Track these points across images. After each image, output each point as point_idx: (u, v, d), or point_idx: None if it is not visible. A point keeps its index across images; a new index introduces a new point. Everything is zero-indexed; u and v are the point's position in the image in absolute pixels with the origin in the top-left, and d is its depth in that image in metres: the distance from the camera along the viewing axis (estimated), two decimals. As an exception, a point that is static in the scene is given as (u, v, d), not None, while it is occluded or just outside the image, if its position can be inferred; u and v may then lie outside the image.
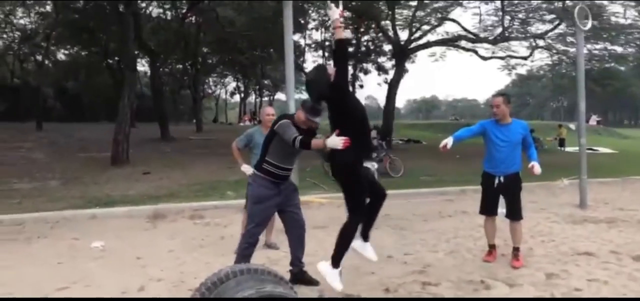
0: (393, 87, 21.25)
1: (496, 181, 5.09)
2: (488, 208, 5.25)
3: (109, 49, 31.27)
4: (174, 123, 31.74)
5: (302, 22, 28.00)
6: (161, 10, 26.91)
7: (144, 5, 23.84)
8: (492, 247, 5.35)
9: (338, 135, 3.64)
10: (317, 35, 34.48)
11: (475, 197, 5.37)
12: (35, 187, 10.25)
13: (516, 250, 5.15)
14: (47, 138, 20.60)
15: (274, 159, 4.30)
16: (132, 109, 32.69)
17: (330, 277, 3.72)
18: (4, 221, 7.00)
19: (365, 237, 4.20)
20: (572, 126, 33.50)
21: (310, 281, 4.59)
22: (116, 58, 31.44)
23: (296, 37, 30.47)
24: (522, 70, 27.72)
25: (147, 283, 4.58)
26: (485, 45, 21.61)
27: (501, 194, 5.15)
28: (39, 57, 33.38)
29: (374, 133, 12.37)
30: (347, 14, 25.30)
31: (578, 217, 7.65)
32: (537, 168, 4.95)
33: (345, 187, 3.86)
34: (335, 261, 3.78)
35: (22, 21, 31.44)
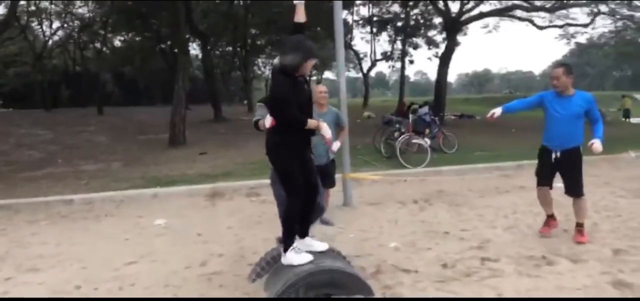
0: (444, 61, 20.71)
1: (553, 156, 4.89)
2: (541, 181, 5.06)
3: (161, 33, 32.14)
4: (226, 104, 32.46)
5: (350, -2, 27.71)
6: (211, -7, 27.37)
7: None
8: (549, 217, 5.16)
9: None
10: (365, 11, 34.11)
11: (533, 171, 5.19)
12: (100, 168, 10.79)
13: (580, 225, 4.95)
14: (107, 122, 21.60)
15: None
16: (186, 92, 33.77)
17: (296, 259, 3.59)
18: (74, 201, 7.42)
19: (302, 235, 3.79)
20: (638, 96, 31.63)
21: None
22: (169, 42, 32.26)
23: (344, 13, 30.25)
24: (581, 39, 26.37)
25: (209, 258, 4.75)
26: (542, 13, 20.60)
27: (558, 171, 4.94)
28: (98, 45, 34.90)
29: (425, 109, 12.17)
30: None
31: (646, 190, 7.27)
32: (597, 146, 4.62)
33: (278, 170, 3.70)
34: (288, 246, 3.65)
35: (80, 11, 32.86)
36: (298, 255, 3.54)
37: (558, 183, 5.02)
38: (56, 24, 34.46)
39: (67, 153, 13.09)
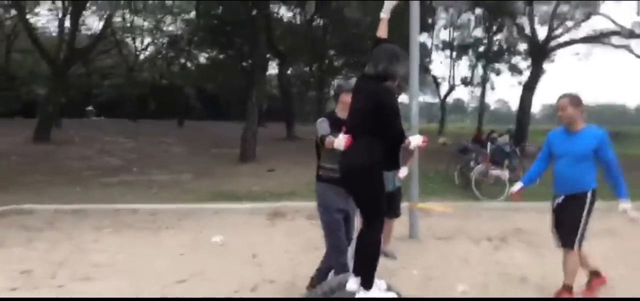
0: (529, 88, 19.54)
1: (556, 202, 4.16)
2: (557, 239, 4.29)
3: (243, 52, 33.18)
4: (301, 123, 32.79)
5: (430, 21, 27.08)
6: (291, 14, 27.86)
7: (275, 9, 24.80)
8: (592, 274, 4.45)
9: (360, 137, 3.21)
10: (445, 35, 33.26)
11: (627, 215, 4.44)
12: (171, 179, 11.01)
13: (565, 287, 4.14)
14: (186, 135, 22.43)
15: (326, 162, 3.90)
16: (262, 109, 34.54)
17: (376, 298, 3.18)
18: (139, 210, 7.51)
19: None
20: None
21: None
22: (250, 61, 33.25)
23: (423, 36, 29.65)
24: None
25: (260, 282, 4.51)
26: (641, 41, 18.95)
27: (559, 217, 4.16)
28: (183, 60, 36.69)
29: (506, 139, 11.37)
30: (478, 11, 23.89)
31: None
32: (633, 214, 3.71)
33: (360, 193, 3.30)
34: (369, 282, 3.22)
35: (170, 28, 34.77)
36: (382, 294, 3.20)
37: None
38: (147, 40, 36.74)
39: (144, 162, 13.57)
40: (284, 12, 27.43)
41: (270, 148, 17.42)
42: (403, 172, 5.48)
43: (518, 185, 4.41)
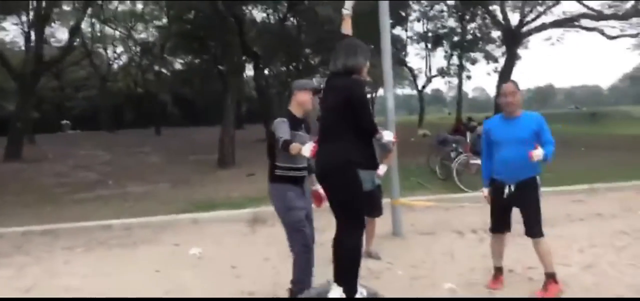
0: (504, 75, 19.63)
1: (506, 190, 4.07)
2: (496, 225, 4.27)
3: (218, 55, 32.79)
4: (279, 124, 32.41)
5: (403, 14, 27.06)
6: (264, 14, 27.58)
7: (248, 9, 24.49)
8: (497, 271, 4.37)
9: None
10: (419, 27, 33.32)
11: (610, 196, 4.39)
12: (147, 191, 10.70)
13: (548, 276, 4.04)
14: (163, 143, 22.03)
15: (283, 162, 3.80)
16: (240, 111, 34.18)
17: None
18: (113, 226, 7.24)
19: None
20: None
21: None
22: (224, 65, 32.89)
23: (397, 30, 29.65)
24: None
25: (238, 295, 4.30)
26: (612, 22, 19.15)
27: (514, 207, 4.11)
28: (158, 67, 36.12)
29: (479, 129, 11.30)
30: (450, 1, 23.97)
31: None
32: (535, 153, 3.75)
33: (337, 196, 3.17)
34: (352, 291, 3.08)
35: (142, 35, 34.21)
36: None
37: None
38: (119, 49, 36.08)
39: (120, 175, 13.21)
40: (257, 13, 27.15)
41: (249, 151, 17.11)
42: (382, 169, 5.36)
43: (485, 192, 4.32)
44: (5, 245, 6.50)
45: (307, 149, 3.21)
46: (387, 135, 3.46)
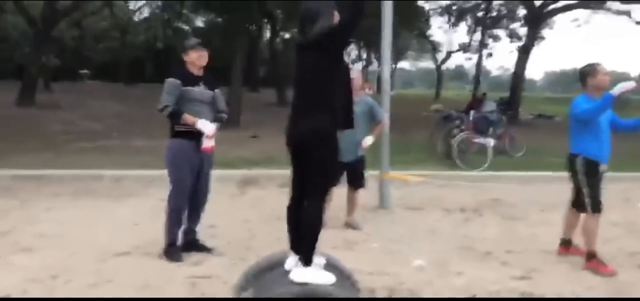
0: (524, 54, 19.04)
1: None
2: None
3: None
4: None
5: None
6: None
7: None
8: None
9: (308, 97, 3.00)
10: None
11: (611, 187, 4.23)
12: (149, 145, 10.65)
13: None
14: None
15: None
16: (257, 74, 33.94)
17: (314, 277, 2.91)
18: (104, 176, 7.27)
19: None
20: None
21: (205, 248, 4.35)
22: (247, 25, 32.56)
23: (421, 1, 28.96)
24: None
25: (206, 257, 4.27)
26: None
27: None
28: (179, 23, 36.01)
29: (493, 106, 11.05)
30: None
31: None
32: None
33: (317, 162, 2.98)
34: (308, 259, 2.95)
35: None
36: (321, 273, 2.95)
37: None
38: (140, 2, 35.95)
39: (126, 128, 13.29)
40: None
41: (258, 114, 17.10)
42: (367, 141, 5.22)
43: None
44: (-6, 187, 6.57)
45: (206, 127, 3.81)
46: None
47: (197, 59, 4.12)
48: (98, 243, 4.50)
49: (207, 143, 4.11)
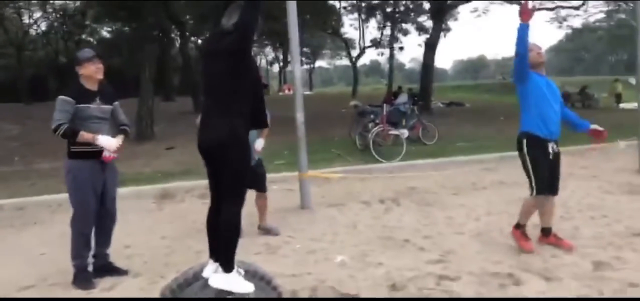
0: (430, 46, 19.96)
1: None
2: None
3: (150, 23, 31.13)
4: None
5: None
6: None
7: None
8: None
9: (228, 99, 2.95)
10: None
11: (517, 163, 4.46)
12: (55, 167, 10.00)
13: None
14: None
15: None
16: (171, 83, 32.82)
17: (234, 285, 2.91)
18: (4, 206, 6.71)
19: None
20: (632, 80, 30.90)
21: (118, 270, 4.16)
22: (156, 33, 31.41)
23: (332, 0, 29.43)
24: (575, 23, 25.63)
25: (123, 280, 4.05)
26: (533, -4, 19.87)
27: None
28: (84, 36, 33.97)
29: (405, 98, 11.47)
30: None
31: (636, 186, 6.59)
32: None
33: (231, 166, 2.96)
34: (228, 266, 2.96)
35: (60, 1, 31.84)
36: (241, 281, 2.89)
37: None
38: (37, 14, 33.48)
39: (27, 150, 12.39)
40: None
41: (173, 124, 16.53)
42: (259, 144, 5.18)
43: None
44: None
45: (108, 142, 3.65)
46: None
47: (95, 72, 3.81)
48: (2, 277, 4.14)
49: (108, 153, 3.86)
